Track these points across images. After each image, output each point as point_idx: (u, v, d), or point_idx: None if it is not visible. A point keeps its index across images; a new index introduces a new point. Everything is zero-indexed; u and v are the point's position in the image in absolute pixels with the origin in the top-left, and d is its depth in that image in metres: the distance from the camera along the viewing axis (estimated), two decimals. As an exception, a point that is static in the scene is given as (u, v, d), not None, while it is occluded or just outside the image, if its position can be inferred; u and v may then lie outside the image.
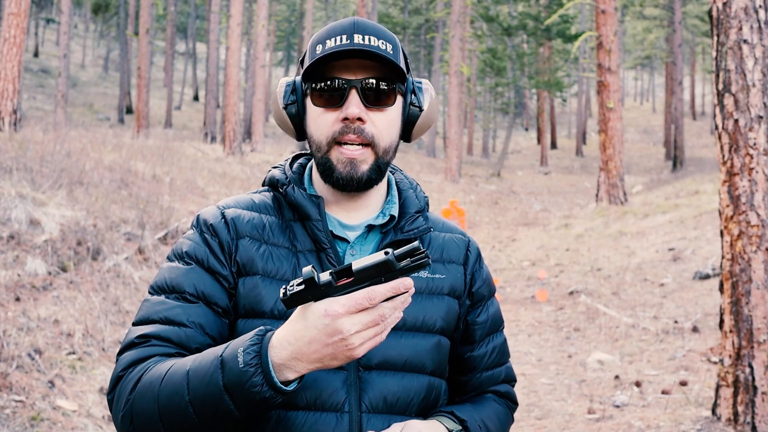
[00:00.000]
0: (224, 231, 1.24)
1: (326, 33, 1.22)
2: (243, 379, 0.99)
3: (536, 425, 4.67)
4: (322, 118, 1.22)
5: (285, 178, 1.29)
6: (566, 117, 50.09)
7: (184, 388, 1.04)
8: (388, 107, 1.23)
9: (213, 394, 1.01)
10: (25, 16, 10.82)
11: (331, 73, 1.20)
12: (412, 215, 1.30)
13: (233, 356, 1.01)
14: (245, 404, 1.01)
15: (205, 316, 1.18)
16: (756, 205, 4.06)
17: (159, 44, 46.92)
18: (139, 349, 1.14)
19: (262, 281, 1.20)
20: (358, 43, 1.18)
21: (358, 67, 1.20)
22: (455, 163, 22.00)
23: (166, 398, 1.05)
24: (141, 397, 1.08)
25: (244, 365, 0.99)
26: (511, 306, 8.20)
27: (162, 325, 1.17)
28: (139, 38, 22.80)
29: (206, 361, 1.04)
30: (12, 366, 4.19)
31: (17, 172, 7.05)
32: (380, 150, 1.22)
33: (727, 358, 4.15)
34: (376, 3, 28.52)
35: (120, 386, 1.12)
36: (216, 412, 1.02)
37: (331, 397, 1.16)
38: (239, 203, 1.29)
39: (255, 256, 1.22)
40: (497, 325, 1.40)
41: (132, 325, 1.20)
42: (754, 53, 4.10)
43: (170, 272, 1.22)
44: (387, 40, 1.22)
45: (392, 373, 1.20)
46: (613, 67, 14.87)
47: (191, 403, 1.03)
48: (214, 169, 13.54)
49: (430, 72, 37.11)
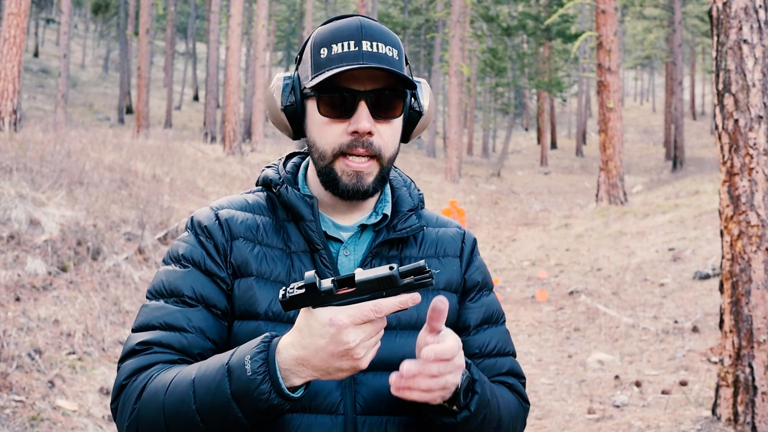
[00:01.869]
0: (219, 232, 1.22)
1: (331, 35, 1.19)
2: (251, 387, 0.99)
3: (536, 425, 4.67)
4: (328, 128, 1.19)
5: (278, 178, 1.27)
6: (566, 117, 50.09)
7: (191, 397, 1.04)
8: (395, 118, 1.21)
9: (221, 403, 1.01)
10: (25, 16, 10.82)
11: (338, 82, 1.17)
12: (405, 213, 1.28)
13: (240, 364, 1.01)
14: (253, 412, 1.01)
15: (205, 320, 1.17)
16: (756, 205, 4.06)
17: (159, 44, 46.92)
18: (141, 357, 1.14)
19: (256, 282, 1.19)
20: (366, 52, 1.16)
21: (368, 78, 1.17)
22: (455, 163, 22.00)
23: (172, 407, 1.05)
24: (146, 406, 1.07)
25: (252, 373, 0.99)
26: (511, 306, 8.20)
27: (162, 331, 1.15)
28: (139, 38, 22.80)
29: (212, 369, 1.04)
30: (12, 366, 4.19)
31: (17, 172, 7.05)
32: (385, 161, 1.21)
33: (727, 358, 4.15)
34: (376, 3, 28.53)
35: (124, 395, 1.12)
36: (224, 420, 1.02)
37: (326, 398, 1.15)
38: (232, 204, 1.27)
39: (249, 257, 1.20)
40: (495, 316, 1.35)
41: (131, 331, 1.19)
42: (754, 53, 4.10)
43: (167, 276, 1.21)
44: (393, 46, 1.19)
45: (388, 374, 1.16)
46: (613, 67, 14.87)
47: (198, 411, 1.03)
48: (214, 169, 13.54)
49: (430, 72, 37.10)
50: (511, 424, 1.25)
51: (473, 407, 1.13)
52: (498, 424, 1.20)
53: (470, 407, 1.12)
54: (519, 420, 1.29)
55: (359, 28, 1.18)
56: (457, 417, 1.12)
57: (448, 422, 1.13)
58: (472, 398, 1.13)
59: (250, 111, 27.58)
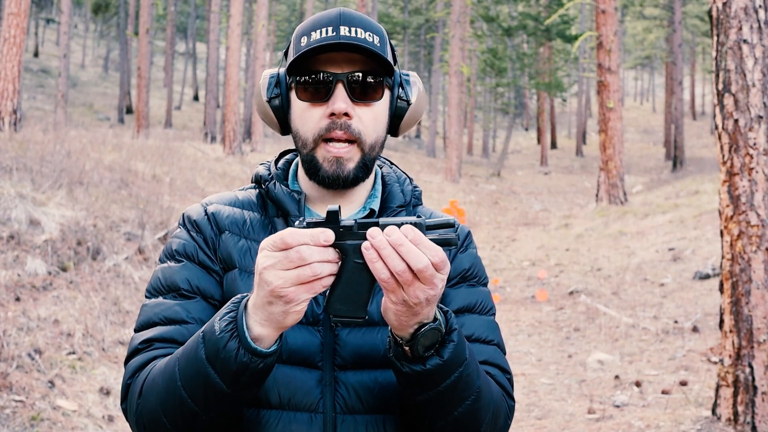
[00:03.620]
0: (207, 227, 1.24)
1: (311, 24, 1.19)
2: (219, 345, 0.97)
3: (536, 425, 4.67)
4: (307, 113, 1.19)
5: (268, 175, 1.27)
6: (566, 117, 50.08)
7: (176, 374, 1.03)
8: (375, 102, 1.20)
9: (197, 370, 1.00)
10: (25, 16, 10.82)
11: (316, 67, 1.17)
12: (394, 210, 1.26)
13: (211, 326, 1.00)
14: (227, 374, 0.98)
15: (204, 310, 1.17)
16: (756, 205, 4.06)
17: (159, 44, 46.92)
18: (143, 354, 1.15)
19: (239, 275, 1.19)
20: (344, 35, 1.15)
21: (345, 61, 1.17)
22: (455, 163, 22.00)
23: (164, 390, 1.05)
24: (146, 397, 1.08)
25: (220, 332, 0.98)
26: (511, 306, 8.20)
27: (163, 326, 1.16)
28: (139, 38, 22.81)
29: (192, 340, 1.04)
30: (12, 366, 4.19)
31: (17, 172, 7.04)
32: (366, 146, 1.19)
33: (727, 358, 4.15)
34: (376, 3, 28.53)
35: (130, 393, 1.13)
36: (205, 389, 1.01)
37: (305, 397, 1.13)
38: (221, 199, 1.29)
39: (233, 250, 1.21)
40: (480, 307, 1.26)
41: (134, 331, 1.19)
42: (754, 53, 4.10)
43: (163, 272, 1.22)
44: (374, 32, 1.18)
45: (368, 372, 1.16)
46: (613, 67, 14.87)
47: (183, 387, 1.02)
48: (214, 169, 13.54)
49: (430, 72, 37.12)
50: (492, 411, 1.13)
51: (446, 355, 1.01)
52: (477, 397, 1.08)
53: (442, 354, 1.01)
54: (501, 411, 1.17)
55: (338, 15, 1.18)
56: (427, 363, 1.01)
57: (415, 371, 1.02)
58: (446, 345, 1.02)
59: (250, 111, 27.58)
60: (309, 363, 1.15)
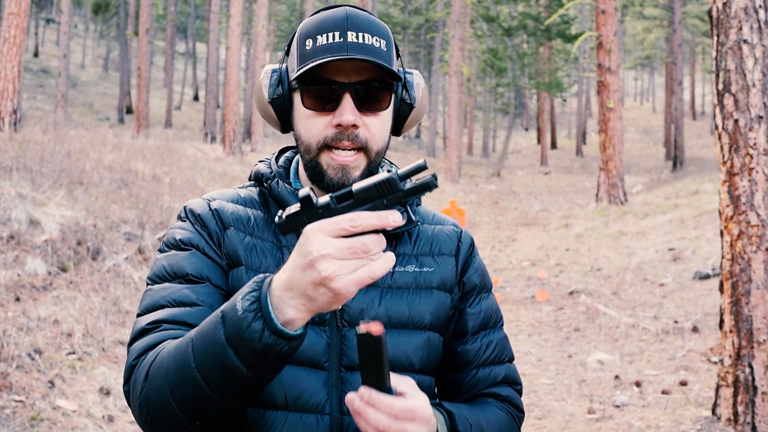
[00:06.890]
0: (212, 222, 1.20)
1: (316, 26, 1.15)
2: (242, 326, 0.91)
3: (536, 425, 4.67)
4: (312, 120, 1.16)
5: (270, 173, 1.24)
6: (566, 117, 50.08)
7: (190, 355, 0.97)
8: (382, 111, 1.17)
9: (216, 352, 0.94)
10: (25, 16, 10.82)
11: (322, 74, 1.13)
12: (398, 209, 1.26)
13: (232, 306, 0.93)
14: (250, 356, 0.92)
15: (213, 295, 1.13)
16: (756, 205, 4.06)
17: (159, 44, 46.93)
18: (150, 336, 1.08)
19: (246, 273, 1.16)
20: (352, 43, 1.12)
21: (352, 69, 1.13)
22: (455, 163, 22.00)
23: (175, 372, 0.98)
24: (153, 380, 1.01)
25: (243, 312, 0.91)
26: (511, 306, 8.20)
27: (172, 308, 1.11)
28: (139, 38, 22.81)
29: (209, 321, 0.98)
30: (12, 366, 4.19)
31: (17, 172, 7.05)
32: (373, 154, 1.17)
33: (727, 358, 4.15)
34: (376, 3, 28.52)
35: (134, 376, 1.06)
36: (223, 372, 0.94)
37: (311, 397, 1.12)
38: (224, 196, 1.26)
39: (239, 247, 1.18)
40: (493, 321, 1.31)
41: (137, 316, 1.14)
42: (754, 53, 4.10)
43: (168, 260, 1.17)
44: (381, 36, 1.15)
45: None
46: (613, 67, 14.87)
47: (198, 369, 0.96)
48: (214, 169, 13.54)
49: (430, 72, 37.11)
50: None
51: None
52: None
53: None
54: None
55: (345, 18, 1.14)
56: None
57: None
58: None
59: (250, 111, 27.58)
60: (315, 363, 1.13)
